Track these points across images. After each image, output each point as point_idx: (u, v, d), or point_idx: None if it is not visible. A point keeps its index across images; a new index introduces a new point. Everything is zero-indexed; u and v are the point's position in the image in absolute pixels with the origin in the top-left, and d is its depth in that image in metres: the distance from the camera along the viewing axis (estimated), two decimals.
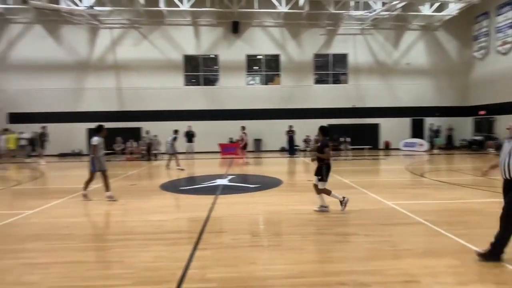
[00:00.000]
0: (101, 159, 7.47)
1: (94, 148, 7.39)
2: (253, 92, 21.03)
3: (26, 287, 3.34)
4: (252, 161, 16.11)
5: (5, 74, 20.14)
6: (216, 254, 4.13)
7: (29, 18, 19.96)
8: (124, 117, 20.20)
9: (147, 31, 20.35)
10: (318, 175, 6.05)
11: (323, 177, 6.00)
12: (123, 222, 5.74)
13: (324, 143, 6.03)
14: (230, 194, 7.91)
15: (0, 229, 5.40)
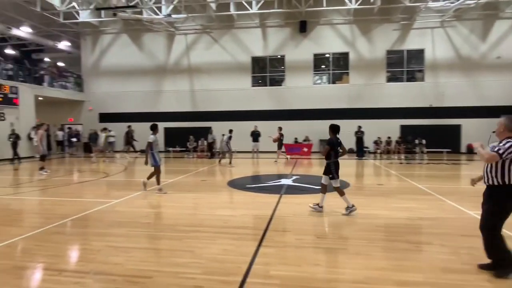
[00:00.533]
0: (157, 155, 8.15)
1: (150, 145, 8.08)
2: (320, 91, 20.64)
3: (112, 266, 3.77)
4: (317, 162, 15.82)
5: (97, 79, 22.96)
6: (280, 252, 4.17)
7: (117, 28, 22.45)
8: (196, 117, 21.52)
9: (218, 35, 21.34)
10: (328, 174, 6.04)
11: (333, 175, 5.99)
12: (194, 215, 6.13)
13: (329, 141, 6.05)
14: (294, 194, 7.90)
15: (92, 214, 6.18)
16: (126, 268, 3.70)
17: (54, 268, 3.77)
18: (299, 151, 18.52)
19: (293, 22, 20.36)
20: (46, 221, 5.72)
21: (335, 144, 6.05)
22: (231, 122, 20.33)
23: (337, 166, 6.08)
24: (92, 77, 23.10)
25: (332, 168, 6.03)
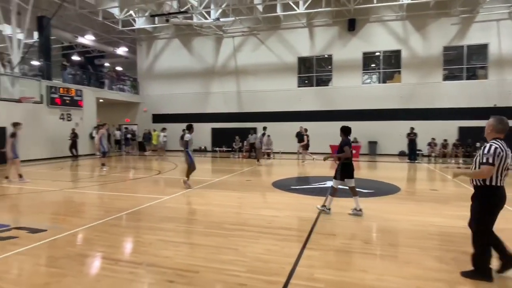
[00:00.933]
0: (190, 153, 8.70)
1: (186, 143, 8.65)
2: (369, 91, 19.87)
3: (162, 259, 3.98)
4: (366, 165, 15.27)
5: (151, 82, 24.36)
6: (325, 256, 4.10)
7: (169, 34, 23.63)
8: (242, 118, 21.89)
9: (264, 36, 21.52)
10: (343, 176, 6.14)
11: (336, 175, 6.13)
12: (238, 214, 6.24)
13: (345, 142, 6.14)
14: (341, 197, 7.69)
15: (144, 209, 6.58)
16: (175, 262, 3.89)
17: (111, 257, 4.08)
18: None
19: (341, 20, 19.86)
20: (105, 213, 6.21)
21: (350, 145, 6.13)
22: (276, 123, 20.45)
23: (345, 168, 6.22)
24: (147, 80, 24.57)
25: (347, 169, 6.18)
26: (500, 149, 3.29)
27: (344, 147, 6.10)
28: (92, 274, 3.71)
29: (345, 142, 6.14)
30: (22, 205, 7.33)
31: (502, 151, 3.30)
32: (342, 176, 6.14)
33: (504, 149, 3.32)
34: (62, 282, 3.41)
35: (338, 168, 6.16)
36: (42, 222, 5.70)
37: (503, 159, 3.29)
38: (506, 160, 3.32)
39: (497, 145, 3.32)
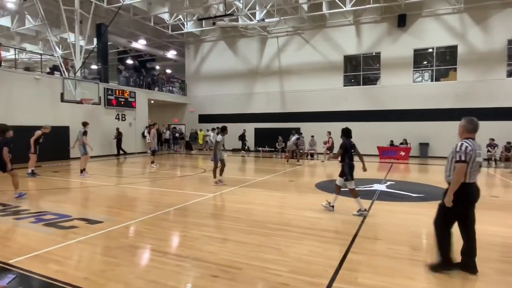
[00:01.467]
0: (220, 152, 9.21)
1: (217, 144, 9.10)
2: (420, 90, 18.77)
3: (207, 254, 4.12)
4: (416, 168, 14.46)
5: (198, 84, 25.22)
6: (370, 260, 3.96)
7: (215, 36, 24.30)
8: (285, 118, 21.85)
9: (309, 35, 21.27)
10: (342, 176, 6.25)
11: (347, 176, 6.19)
12: (281, 214, 6.25)
13: (342, 144, 6.33)
14: (388, 201, 7.38)
15: (191, 206, 6.84)
16: (219, 258, 4.00)
17: (160, 250, 4.30)
18: (395, 155, 17.17)
19: (391, 16, 19.00)
20: (155, 208, 6.56)
21: (348, 147, 6.28)
22: (320, 123, 20.11)
23: (351, 168, 6.27)
24: (194, 82, 25.49)
25: (346, 170, 6.22)
26: (470, 148, 3.49)
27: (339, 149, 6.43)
28: (142, 265, 3.95)
29: (341, 144, 6.39)
30: (82, 198, 8.00)
31: (472, 150, 3.49)
32: (352, 176, 6.28)
33: (473, 148, 3.50)
34: (116, 270, 3.67)
35: (345, 169, 6.26)
36: (99, 214, 6.18)
37: (473, 156, 3.48)
38: (475, 158, 3.50)
39: (467, 143, 3.52)
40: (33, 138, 10.68)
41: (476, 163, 3.51)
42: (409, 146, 17.78)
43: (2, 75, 14.36)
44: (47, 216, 5.92)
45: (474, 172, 3.53)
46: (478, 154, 3.52)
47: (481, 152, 3.59)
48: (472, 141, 3.57)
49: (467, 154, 3.46)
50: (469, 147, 3.49)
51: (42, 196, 7.98)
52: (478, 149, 3.53)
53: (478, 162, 3.54)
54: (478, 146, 3.55)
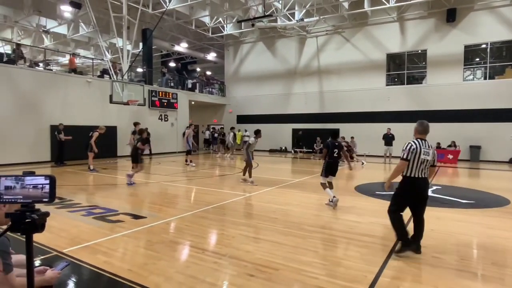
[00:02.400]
0: (251, 153, 9.66)
1: (249, 145, 9.47)
2: (471, 89, 17.50)
3: (243, 253, 4.16)
4: (465, 172, 13.53)
5: (237, 85, 25.60)
6: (413, 269, 3.77)
7: (254, 37, 24.51)
8: (324, 119, 21.47)
9: (349, 34, 20.73)
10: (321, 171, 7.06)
11: (323, 172, 6.98)
12: (318, 216, 6.15)
13: (325, 143, 7.03)
14: (434, 206, 6.96)
15: (228, 205, 6.96)
16: (256, 257, 4.03)
17: (199, 247, 4.43)
18: (442, 158, 16.17)
19: (439, 11, 17.95)
20: (194, 206, 6.76)
21: (330, 147, 6.86)
22: (361, 124, 19.54)
23: (330, 166, 6.93)
24: (233, 83, 25.91)
25: (324, 167, 6.98)
26: (415, 146, 3.99)
27: (323, 149, 7.21)
28: (182, 260, 4.09)
29: (324, 144, 7.12)
30: (127, 193, 8.45)
31: (417, 148, 3.98)
32: (326, 173, 6.97)
33: (419, 146, 3.98)
34: (157, 264, 3.84)
35: (324, 166, 7.00)
36: (143, 210, 6.49)
37: (417, 154, 3.97)
38: (420, 156, 3.97)
39: (413, 143, 4.04)
40: (93, 140, 11.85)
41: (421, 160, 3.99)
42: (458, 149, 16.65)
43: (59, 79, 15.62)
44: (96, 210, 6.34)
45: (420, 168, 4.01)
46: (425, 153, 3.99)
47: (430, 152, 4.03)
48: (421, 141, 4.06)
49: (410, 152, 3.99)
50: (413, 146, 4.00)
51: (92, 191, 8.56)
52: (425, 148, 4.01)
53: (426, 160, 4.01)
54: (427, 146, 4.04)
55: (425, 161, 4.02)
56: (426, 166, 4.05)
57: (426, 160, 4.02)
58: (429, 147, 4.06)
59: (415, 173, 4.02)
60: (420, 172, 4.03)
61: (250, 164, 9.62)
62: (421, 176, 4.04)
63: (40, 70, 15.79)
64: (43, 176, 1.17)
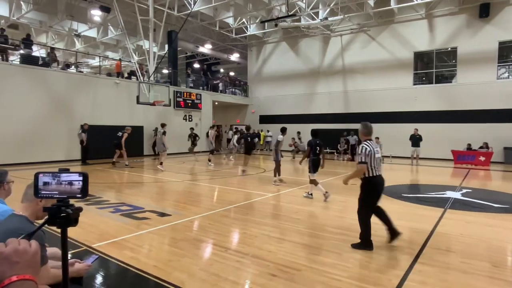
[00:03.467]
0: (280, 152, 9.73)
1: (278, 143, 9.64)
2: (506, 87, 16.62)
3: (266, 253, 4.18)
4: (499, 175, 12.89)
5: (259, 85, 25.65)
6: (441, 274, 3.65)
7: (277, 37, 24.47)
8: (348, 119, 21.09)
9: (375, 32, 20.26)
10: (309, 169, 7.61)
11: (310, 169, 7.51)
12: (342, 218, 6.07)
13: (308, 142, 7.59)
14: (464, 210, 6.70)
15: (251, 204, 7.00)
16: (278, 257, 4.03)
17: (221, 245, 4.49)
18: (473, 160, 15.47)
19: (471, 6, 17.20)
20: (217, 205, 6.86)
21: (313, 145, 7.46)
22: (386, 124, 19.03)
23: (314, 163, 7.48)
24: (256, 83, 25.99)
25: (310, 165, 7.51)
26: (369, 149, 4.26)
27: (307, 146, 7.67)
28: (205, 258, 4.16)
29: (308, 142, 7.65)
30: (153, 191, 8.68)
31: (371, 150, 4.26)
32: (314, 170, 7.47)
33: (371, 147, 4.28)
34: (181, 261, 3.92)
35: (309, 163, 7.52)
36: (167, 207, 6.65)
37: (372, 155, 4.25)
38: (375, 155, 4.27)
39: (366, 145, 4.28)
40: (123, 139, 13.01)
41: (376, 159, 4.30)
42: (491, 151, 15.87)
43: (89, 80, 16.28)
44: (123, 207, 6.56)
45: (376, 167, 4.32)
46: (377, 152, 4.33)
47: (379, 150, 4.41)
48: (370, 142, 4.36)
49: (367, 155, 4.24)
50: (368, 149, 4.26)
51: (119, 189, 8.86)
52: (375, 147, 4.36)
53: (378, 158, 4.35)
54: (376, 145, 4.39)
55: (379, 159, 4.38)
56: (379, 163, 4.42)
57: (379, 158, 4.39)
58: (376, 145, 4.42)
59: (375, 172, 4.32)
60: (378, 170, 4.36)
61: (279, 163, 9.64)
62: (379, 173, 4.39)
63: (71, 72, 16.52)
64: (77, 173, 1.23)
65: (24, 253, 0.89)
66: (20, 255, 0.88)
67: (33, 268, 0.89)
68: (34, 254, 0.91)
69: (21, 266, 0.86)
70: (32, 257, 0.90)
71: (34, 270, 0.89)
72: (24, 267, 0.86)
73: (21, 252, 0.88)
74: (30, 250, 0.91)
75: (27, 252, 0.89)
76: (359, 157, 4.34)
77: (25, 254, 0.89)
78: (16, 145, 13.31)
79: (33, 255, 0.90)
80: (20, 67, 13.95)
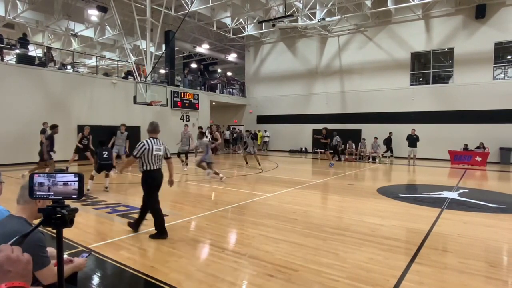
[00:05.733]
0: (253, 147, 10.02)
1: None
2: (502, 88, 16.70)
3: (263, 253, 4.17)
4: (495, 176, 12.96)
5: (257, 85, 25.65)
6: (438, 274, 3.65)
7: (275, 38, 24.48)
8: (345, 119, 21.15)
9: (372, 33, 20.32)
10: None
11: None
12: (339, 218, 6.07)
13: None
14: (460, 210, 6.72)
15: (248, 204, 6.99)
16: (275, 258, 4.03)
17: (218, 246, 4.47)
18: (469, 160, 15.56)
19: (467, 8, 17.29)
20: (215, 205, 6.84)
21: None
22: (383, 125, 19.11)
23: None
24: (253, 84, 25.98)
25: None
26: (146, 146, 4.62)
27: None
28: (202, 259, 4.14)
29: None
30: None
31: (148, 146, 4.63)
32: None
33: (149, 145, 4.64)
34: (178, 262, 3.91)
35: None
36: (164, 208, 6.58)
37: (149, 151, 4.62)
38: (153, 152, 4.65)
39: (145, 142, 4.66)
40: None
41: (154, 156, 4.66)
42: (487, 151, 15.96)
43: (86, 80, 16.20)
44: (120, 208, 6.53)
45: (155, 162, 4.68)
46: (157, 149, 4.70)
47: (161, 147, 4.76)
48: (153, 139, 4.74)
49: (141, 150, 4.61)
50: (145, 146, 4.62)
51: (116, 189, 8.82)
52: (156, 145, 4.70)
53: (158, 155, 4.71)
54: (158, 143, 4.73)
55: (158, 156, 4.73)
56: (159, 159, 4.76)
57: (159, 155, 4.74)
58: (160, 144, 4.78)
59: (152, 167, 4.67)
60: (155, 165, 4.71)
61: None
62: (156, 168, 4.73)
63: (68, 72, 16.43)
64: (72, 174, 1.22)
65: (17, 261, 0.86)
66: (12, 264, 0.85)
67: (25, 278, 0.87)
68: (27, 263, 0.89)
69: (13, 275, 0.84)
70: (25, 266, 0.88)
71: (26, 279, 0.87)
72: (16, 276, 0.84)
73: (14, 261, 0.86)
74: (23, 259, 0.88)
75: (20, 260, 0.87)
76: (134, 151, 4.67)
77: (18, 263, 0.86)
78: (12, 145, 13.22)
79: (26, 264, 0.88)
80: (16, 67, 13.86)
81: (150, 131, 4.89)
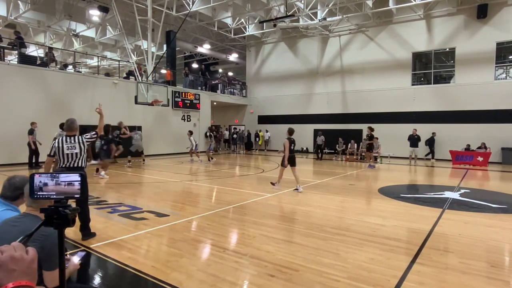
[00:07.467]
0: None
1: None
2: (504, 88, 16.67)
3: (264, 253, 4.17)
4: (497, 176, 12.93)
5: (258, 85, 25.65)
6: (439, 274, 3.65)
7: (276, 38, 24.48)
8: (346, 119, 21.14)
9: (373, 33, 20.30)
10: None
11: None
12: (340, 218, 6.07)
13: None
14: (462, 210, 6.71)
15: (249, 204, 6.99)
16: (276, 258, 4.03)
17: (219, 245, 4.48)
18: (471, 160, 15.52)
19: (469, 7, 17.25)
20: (216, 205, 6.84)
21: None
22: (385, 125, 19.09)
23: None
24: (254, 83, 25.99)
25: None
26: (57, 143, 4.54)
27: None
28: (203, 258, 4.15)
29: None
30: (151, 192, 8.66)
31: (59, 144, 4.53)
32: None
33: (59, 143, 4.53)
34: (179, 262, 3.91)
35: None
36: (166, 208, 6.63)
37: (60, 149, 4.52)
38: (63, 150, 4.52)
39: (58, 140, 4.56)
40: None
41: (66, 154, 4.53)
42: (489, 151, 15.92)
43: (87, 80, 16.23)
44: (121, 208, 6.55)
45: (71, 160, 4.56)
46: (71, 148, 4.57)
47: (76, 145, 4.59)
48: (66, 137, 4.61)
49: (53, 149, 4.56)
50: (56, 143, 4.55)
51: (118, 189, 8.83)
52: (68, 144, 4.57)
53: (74, 153, 4.58)
54: (72, 141, 4.58)
55: (74, 154, 4.58)
56: (78, 157, 4.60)
57: (75, 153, 4.58)
58: (74, 141, 4.59)
59: (66, 165, 4.55)
60: (73, 163, 4.57)
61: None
62: (73, 166, 4.57)
63: (70, 72, 16.46)
64: (75, 174, 1.22)
65: (21, 260, 0.87)
66: (16, 263, 0.86)
67: (30, 276, 0.87)
68: (31, 261, 0.89)
69: (18, 274, 0.84)
70: (29, 264, 0.88)
71: (31, 277, 0.87)
72: (22, 275, 0.85)
73: (18, 259, 0.86)
74: (27, 257, 0.89)
75: (24, 259, 0.87)
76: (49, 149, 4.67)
77: (22, 262, 0.87)
78: (14, 145, 13.25)
79: (30, 262, 0.89)
80: (18, 67, 13.90)
81: (65, 129, 4.77)
